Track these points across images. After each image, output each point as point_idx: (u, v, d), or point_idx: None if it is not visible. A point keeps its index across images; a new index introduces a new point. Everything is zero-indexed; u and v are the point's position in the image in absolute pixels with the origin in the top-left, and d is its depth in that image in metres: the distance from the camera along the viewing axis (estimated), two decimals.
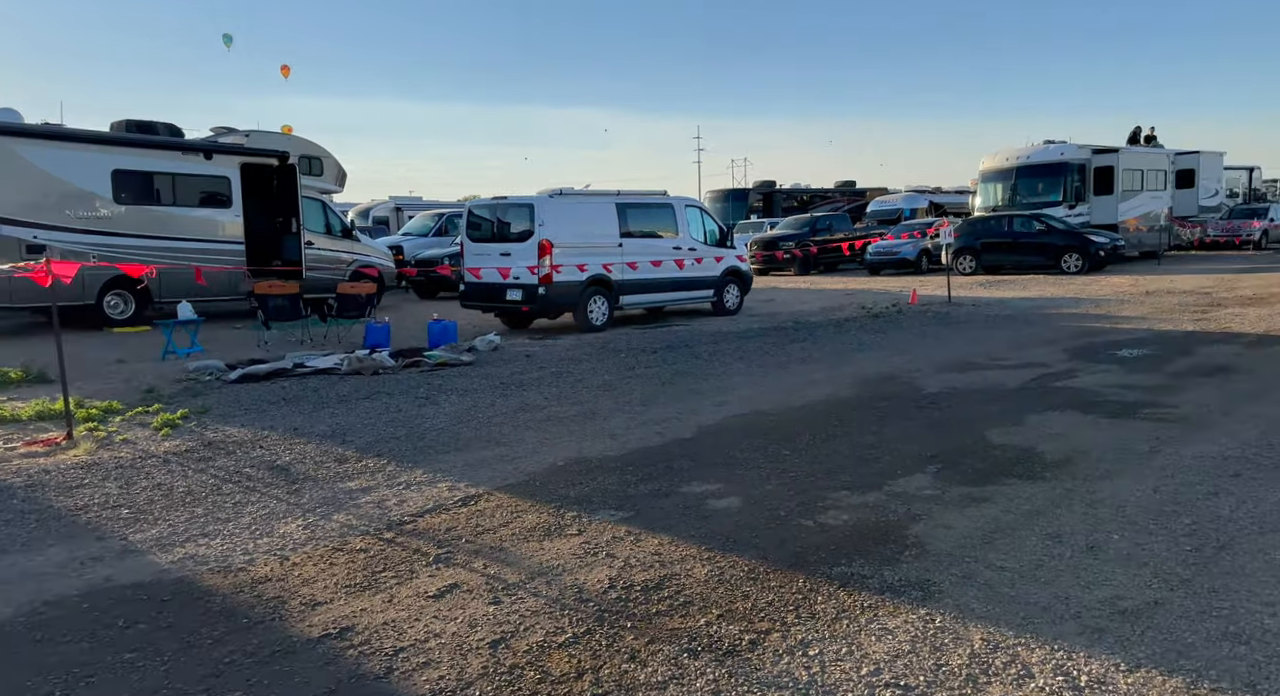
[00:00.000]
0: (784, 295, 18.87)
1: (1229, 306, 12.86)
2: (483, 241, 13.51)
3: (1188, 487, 4.47)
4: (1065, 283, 19.32)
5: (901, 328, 12.14)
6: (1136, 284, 17.91)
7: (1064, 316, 12.74)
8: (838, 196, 43.13)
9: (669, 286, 14.11)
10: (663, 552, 3.96)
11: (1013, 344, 10.10)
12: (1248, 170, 41.22)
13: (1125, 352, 9.08)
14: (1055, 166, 25.88)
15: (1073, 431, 5.80)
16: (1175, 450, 5.20)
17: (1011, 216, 23.94)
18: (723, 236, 15.11)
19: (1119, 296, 15.35)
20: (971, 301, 15.57)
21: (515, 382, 8.55)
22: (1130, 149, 27.53)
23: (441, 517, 4.58)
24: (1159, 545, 3.72)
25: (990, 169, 27.44)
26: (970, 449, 5.49)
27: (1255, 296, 14.14)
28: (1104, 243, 22.16)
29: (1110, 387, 7.23)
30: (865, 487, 4.78)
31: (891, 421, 6.37)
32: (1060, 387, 7.35)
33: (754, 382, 8.20)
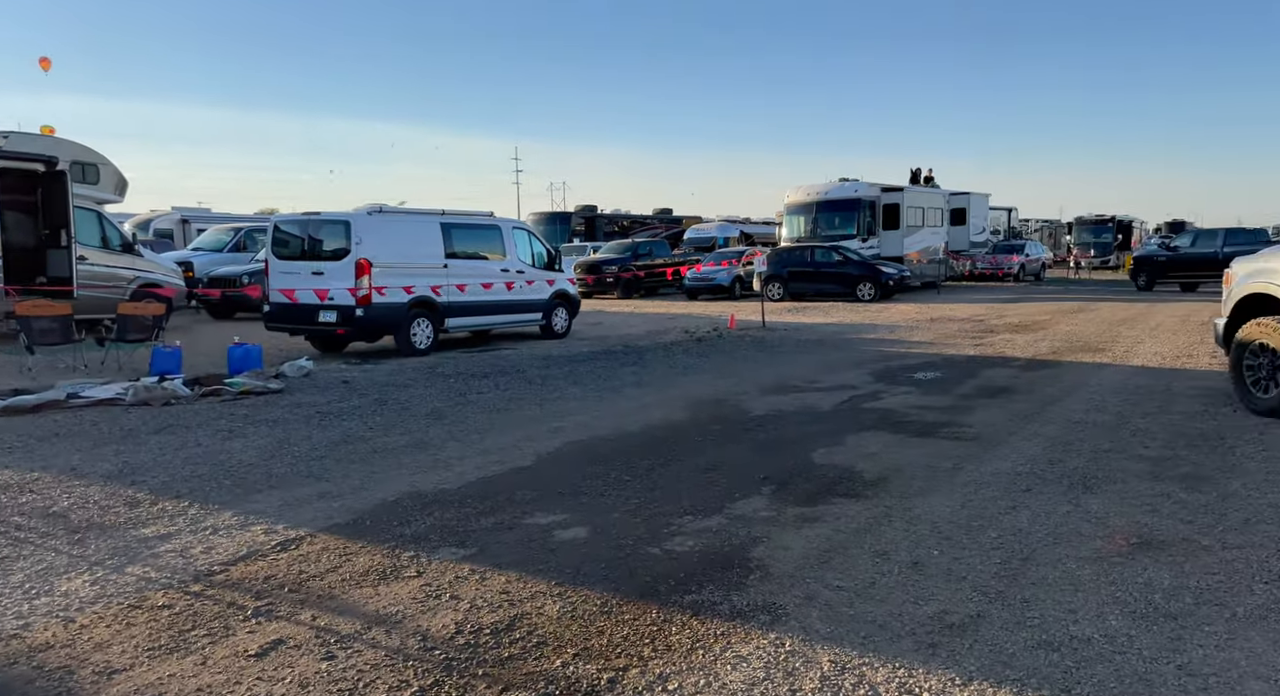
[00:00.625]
0: (610, 318, 19.10)
1: (1001, 333, 14.44)
2: (292, 259, 12.64)
3: (990, 503, 4.90)
4: (861, 310, 20.92)
5: (724, 351, 12.61)
6: (921, 312, 19.70)
7: (864, 341, 13.76)
8: (656, 223, 44.47)
9: (497, 309, 13.86)
10: (511, 590, 3.81)
11: (824, 367, 10.76)
12: (1007, 211, 46.85)
13: (920, 375, 9.93)
14: (850, 202, 28.10)
15: (886, 451, 6.23)
16: (974, 468, 5.70)
17: (814, 248, 25.69)
18: (551, 259, 15.07)
19: (908, 323, 16.82)
20: (784, 326, 16.49)
21: (334, 412, 8.02)
22: (913, 188, 30.40)
23: (258, 565, 4.16)
24: (973, 559, 4.04)
25: (794, 203, 29.35)
26: (799, 469, 5.74)
27: (1021, 324, 15.98)
28: (893, 274, 24.27)
29: (913, 408, 7.85)
30: (707, 512, 4.86)
31: (725, 444, 6.55)
32: (870, 409, 7.89)
33: (589, 407, 8.18)
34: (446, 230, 13.29)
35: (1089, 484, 5.18)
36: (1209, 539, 4.10)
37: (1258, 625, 3.19)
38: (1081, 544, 4.14)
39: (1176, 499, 4.77)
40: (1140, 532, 4.25)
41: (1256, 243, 25.32)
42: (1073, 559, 3.96)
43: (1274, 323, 6.77)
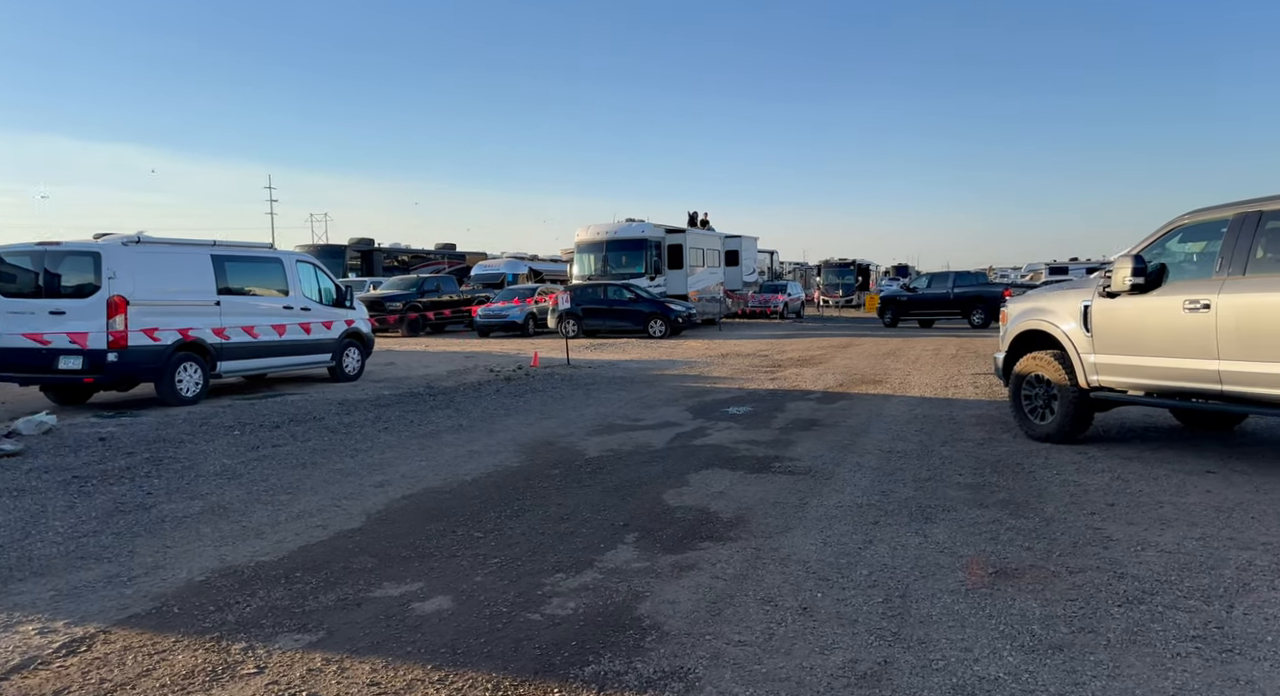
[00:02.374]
0: (403, 358, 18.06)
1: (789, 367, 15.35)
2: (20, 297, 10.70)
3: (847, 538, 5.02)
4: (655, 346, 21.46)
5: (537, 390, 12.28)
6: (711, 348, 20.57)
7: (670, 377, 14.04)
8: (440, 258, 43.18)
9: (281, 350, 12.58)
10: (381, 681, 3.27)
11: (642, 404, 10.78)
12: (770, 254, 50.63)
13: (734, 410, 10.23)
14: (637, 242, 28.95)
15: (732, 489, 6.25)
16: (819, 502, 5.86)
17: (607, 285, 26.10)
18: (340, 295, 13.98)
19: (703, 358, 17.45)
20: (588, 363, 16.45)
21: (96, 475, 6.76)
22: (694, 231, 31.93)
23: (40, 677, 3.28)
24: (856, 599, 4.06)
25: (584, 241, 29.75)
26: (656, 513, 5.58)
27: (803, 358, 17.12)
28: (681, 311, 25.21)
29: (740, 444, 8.02)
30: (577, 567, 4.54)
31: (571, 489, 6.26)
32: (700, 445, 7.95)
33: (410, 457, 7.53)
34: (219, 263, 11.91)
35: (927, 514, 5.47)
36: (1052, 564, 4.44)
37: (1132, 650, 3.43)
38: (946, 576, 4.32)
39: (1008, 525, 5.15)
40: (992, 562, 4.51)
41: (978, 283, 29.30)
42: (945, 592, 4.10)
43: (1047, 356, 7.67)
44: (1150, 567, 4.30)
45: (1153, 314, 6.62)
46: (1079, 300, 7.36)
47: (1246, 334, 5.87)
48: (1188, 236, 6.74)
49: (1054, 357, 7.61)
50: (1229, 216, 6.32)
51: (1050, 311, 7.70)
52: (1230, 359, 5.99)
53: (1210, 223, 6.51)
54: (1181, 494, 5.71)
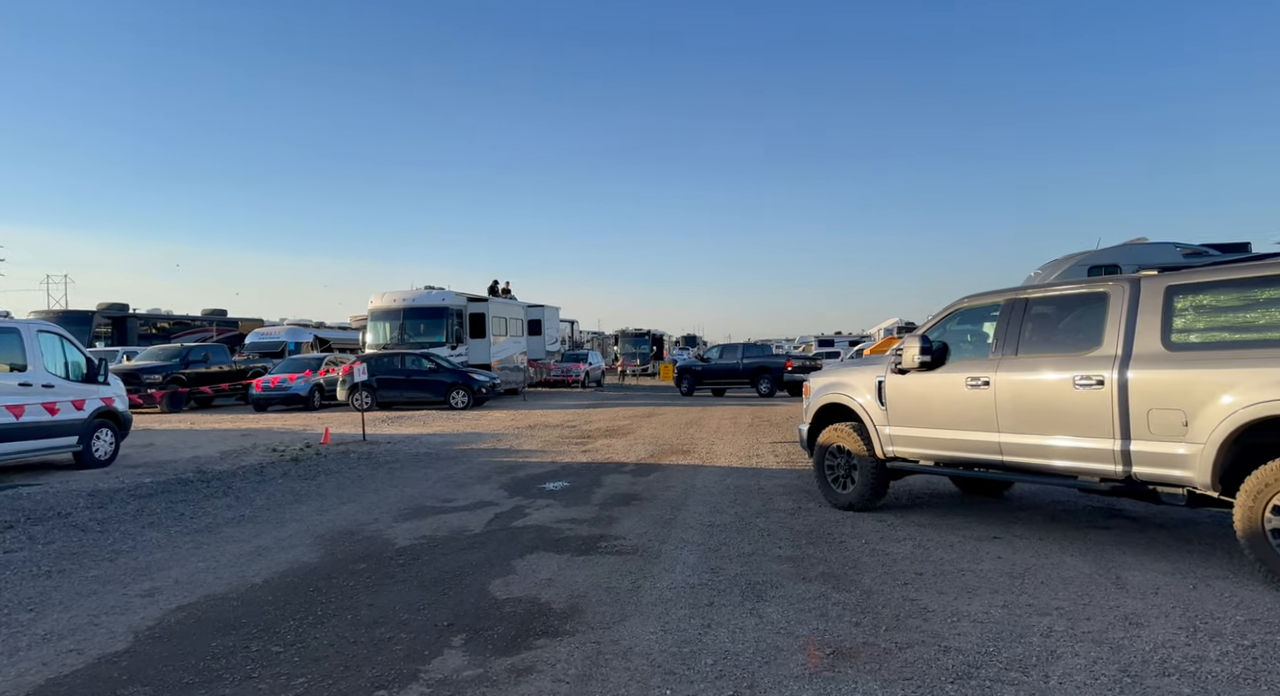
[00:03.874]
0: (165, 438, 16.07)
1: (598, 438, 15.32)
2: None
3: (685, 623, 4.89)
4: (458, 418, 20.71)
5: (331, 471, 11.30)
6: (517, 418, 20.18)
7: (478, 452, 13.51)
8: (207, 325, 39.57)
9: (12, 434, 10.72)
10: None
11: (452, 483, 10.22)
12: (571, 323, 51.27)
13: (551, 485, 9.95)
14: (437, 310, 28.17)
15: (561, 574, 5.96)
16: (651, 584, 5.72)
17: (404, 354, 25.04)
18: (92, 369, 12.25)
19: (511, 431, 17.04)
20: (386, 439, 15.48)
21: None
22: (496, 299, 31.63)
23: None
24: (707, 694, 3.92)
25: (380, 308, 28.52)
26: (482, 609, 5.17)
27: (611, 429, 17.18)
28: (485, 381, 24.64)
29: (563, 523, 7.75)
30: (400, 681, 4.06)
31: (383, 587, 5.68)
32: (522, 527, 7.60)
33: (184, 557, 6.55)
34: None
35: (757, 591, 5.49)
36: (882, 640, 4.55)
37: None
38: (788, 660, 4.29)
39: (834, 600, 5.26)
40: (827, 641, 4.55)
41: (764, 355, 31.20)
42: (790, 678, 4.06)
43: (847, 428, 8.13)
44: (968, 638, 4.52)
45: (939, 390, 7.22)
46: (874, 376, 7.91)
47: (1022, 408, 6.53)
48: (965, 319, 7.48)
49: (854, 429, 8.09)
50: (1000, 301, 7.09)
51: (849, 386, 8.21)
52: (1009, 431, 6.62)
53: (985, 307, 7.27)
54: (977, 560, 6.15)
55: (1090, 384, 6.04)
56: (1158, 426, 5.64)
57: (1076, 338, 6.37)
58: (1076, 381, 6.13)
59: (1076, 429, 6.13)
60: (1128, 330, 5.97)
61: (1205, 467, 5.35)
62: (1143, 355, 5.81)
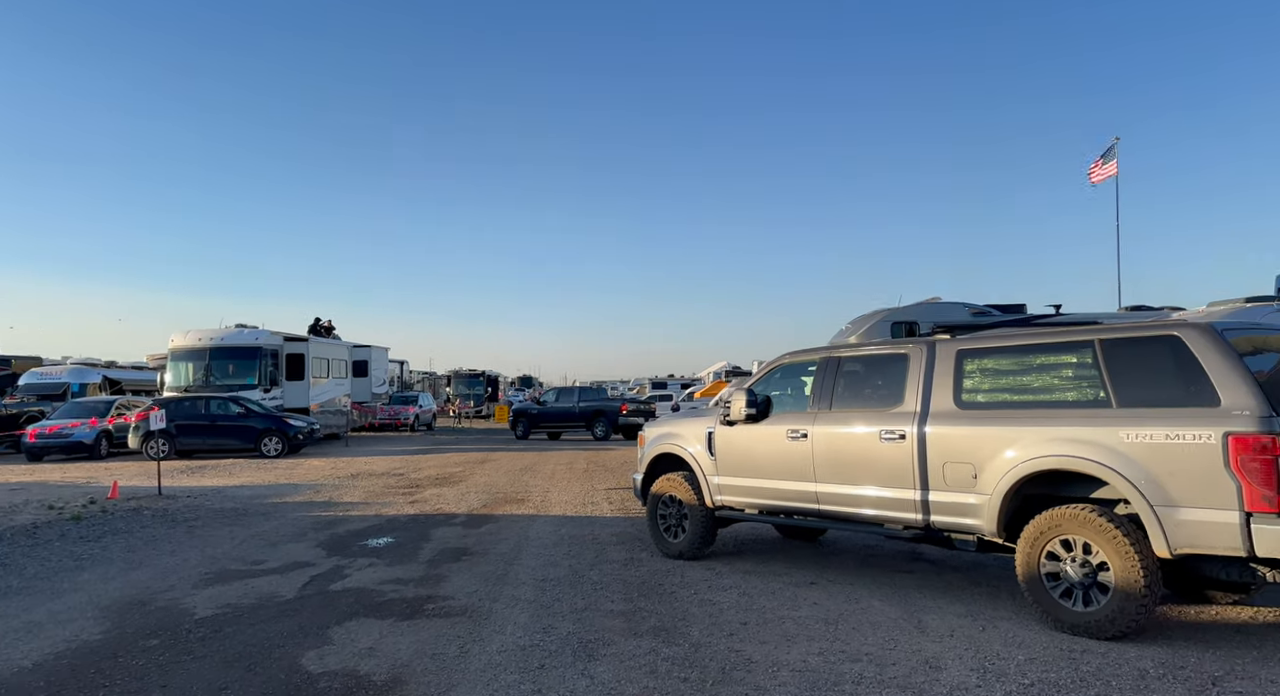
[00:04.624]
0: None
1: (428, 487, 14.79)
2: None
3: (515, 690, 4.77)
4: (270, 467, 19.36)
5: (120, 531, 10.18)
6: (338, 467, 19.13)
7: (293, 505, 12.65)
8: None
9: None
10: None
11: (263, 542, 9.49)
12: (400, 363, 49.47)
13: (374, 542, 9.47)
14: (249, 350, 26.38)
15: (382, 642, 5.66)
16: (480, 648, 5.54)
17: (209, 398, 23.20)
18: None
19: (330, 481, 16.11)
20: (187, 492, 14.18)
21: None
22: (317, 339, 30.05)
23: None
24: None
25: (182, 348, 26.34)
26: (295, 686, 4.81)
27: (441, 477, 16.64)
28: (302, 426, 23.21)
29: (387, 584, 7.38)
30: None
31: (179, 665, 5.15)
32: (340, 591, 7.16)
33: None
34: None
35: (589, 650, 5.46)
36: None
37: None
38: None
39: (664, 656, 5.32)
40: None
41: (600, 399, 31.49)
42: None
43: (679, 477, 8.34)
44: (788, 689, 4.70)
45: (763, 441, 7.57)
46: (704, 427, 8.18)
47: (835, 460, 6.97)
48: (787, 373, 7.92)
49: (685, 479, 8.31)
50: (817, 358, 7.57)
51: (681, 436, 8.44)
52: (824, 481, 7.04)
53: (804, 362, 7.74)
54: (796, 607, 6.44)
55: (894, 438, 6.55)
56: (951, 478, 6.18)
57: (882, 394, 6.91)
58: (882, 435, 6.63)
59: (883, 480, 6.61)
60: (925, 389, 6.54)
61: (992, 516, 5.92)
62: (938, 412, 6.38)
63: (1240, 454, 4.84)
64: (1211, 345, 5.20)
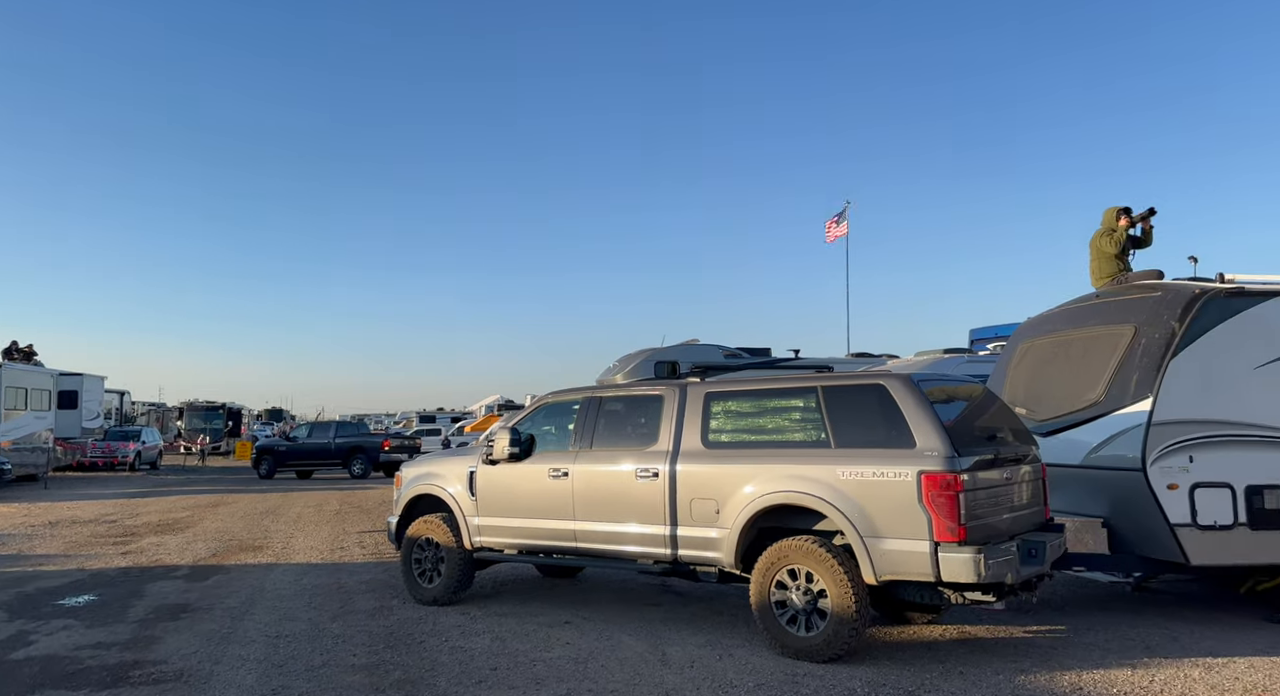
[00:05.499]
0: None
1: (146, 536, 13.14)
2: None
3: None
4: None
5: None
6: (33, 513, 16.51)
7: None
8: None
9: None
10: None
11: None
12: (120, 394, 43.73)
13: (73, 601, 8.25)
14: None
15: None
16: None
17: None
18: None
19: (21, 530, 13.85)
20: None
21: None
22: (12, 366, 25.95)
23: None
24: None
25: None
26: None
27: (165, 523, 14.86)
28: None
29: (84, 649, 6.44)
30: None
31: None
32: (23, 660, 6.15)
33: None
34: None
35: None
36: None
37: None
38: None
39: None
40: None
41: (359, 433, 29.85)
42: None
43: (437, 519, 8.08)
44: None
45: (525, 480, 7.58)
46: (466, 466, 8.03)
47: (594, 498, 7.13)
48: (551, 413, 8.00)
49: (443, 521, 8.08)
50: (579, 398, 7.74)
51: (441, 476, 8.22)
52: (583, 519, 7.17)
53: (567, 402, 7.86)
54: (549, 648, 6.45)
55: (648, 476, 6.84)
56: (698, 514, 6.56)
57: (640, 433, 7.20)
58: (638, 473, 6.90)
59: (638, 516, 6.86)
60: (677, 429, 6.91)
61: (731, 549, 6.34)
62: (688, 451, 6.76)
63: (930, 490, 5.57)
64: (909, 394, 5.98)
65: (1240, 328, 6.90)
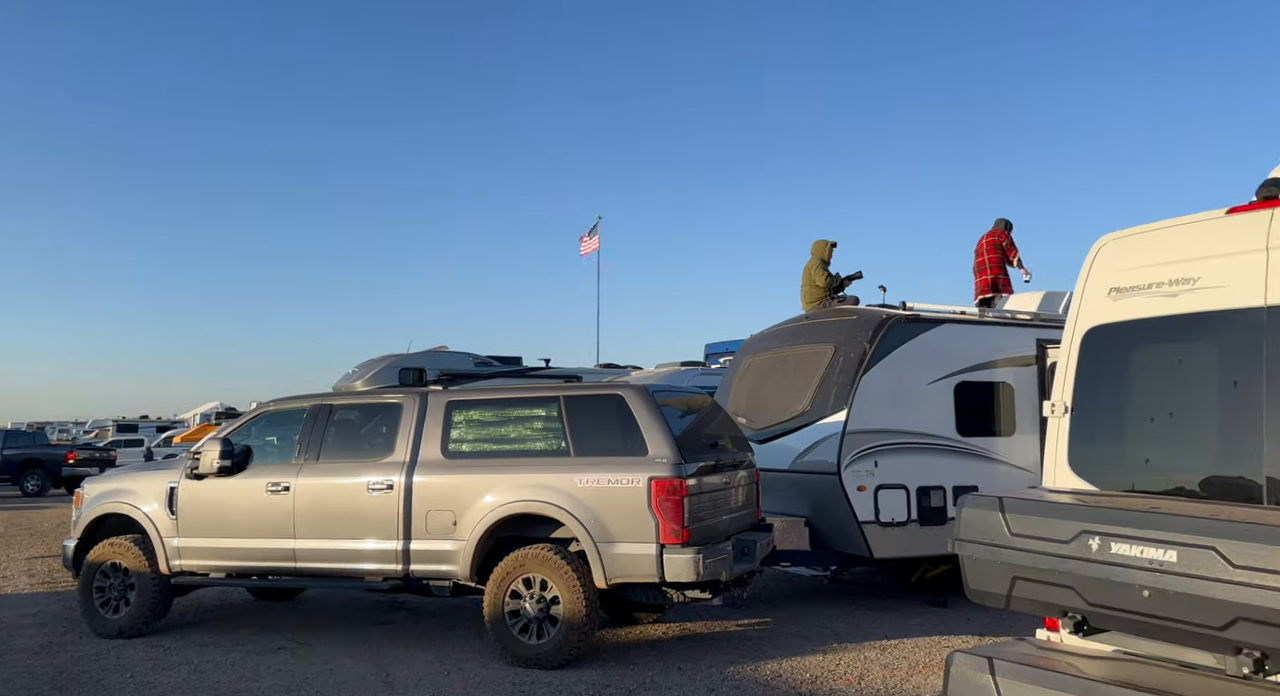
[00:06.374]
0: None
1: None
2: None
3: None
4: None
5: None
6: None
7: None
8: None
9: None
10: None
11: None
12: None
13: None
14: None
15: None
16: None
17: None
18: None
19: None
20: None
21: None
22: None
23: None
24: None
25: None
26: None
27: None
28: None
29: None
30: None
31: None
32: None
33: None
34: None
35: None
36: None
37: None
38: None
39: None
40: None
41: (35, 444, 25.61)
42: None
43: (127, 541, 7.11)
44: None
45: (238, 496, 6.91)
46: (166, 481, 7.17)
47: (319, 513, 6.67)
48: (273, 422, 7.38)
49: (134, 543, 7.14)
50: (307, 406, 7.22)
51: (133, 493, 7.26)
52: (305, 537, 6.68)
53: (292, 411, 7.29)
54: (257, 677, 5.92)
55: (382, 488, 6.54)
56: (433, 526, 6.38)
57: (375, 444, 6.88)
58: (370, 486, 6.58)
59: (368, 532, 6.53)
60: (415, 439, 6.68)
61: (466, 560, 6.23)
62: (426, 462, 6.56)
63: (659, 495, 5.87)
64: (644, 404, 6.26)
65: (917, 349, 8.01)
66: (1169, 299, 3.12)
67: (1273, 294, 2.87)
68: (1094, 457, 3.35)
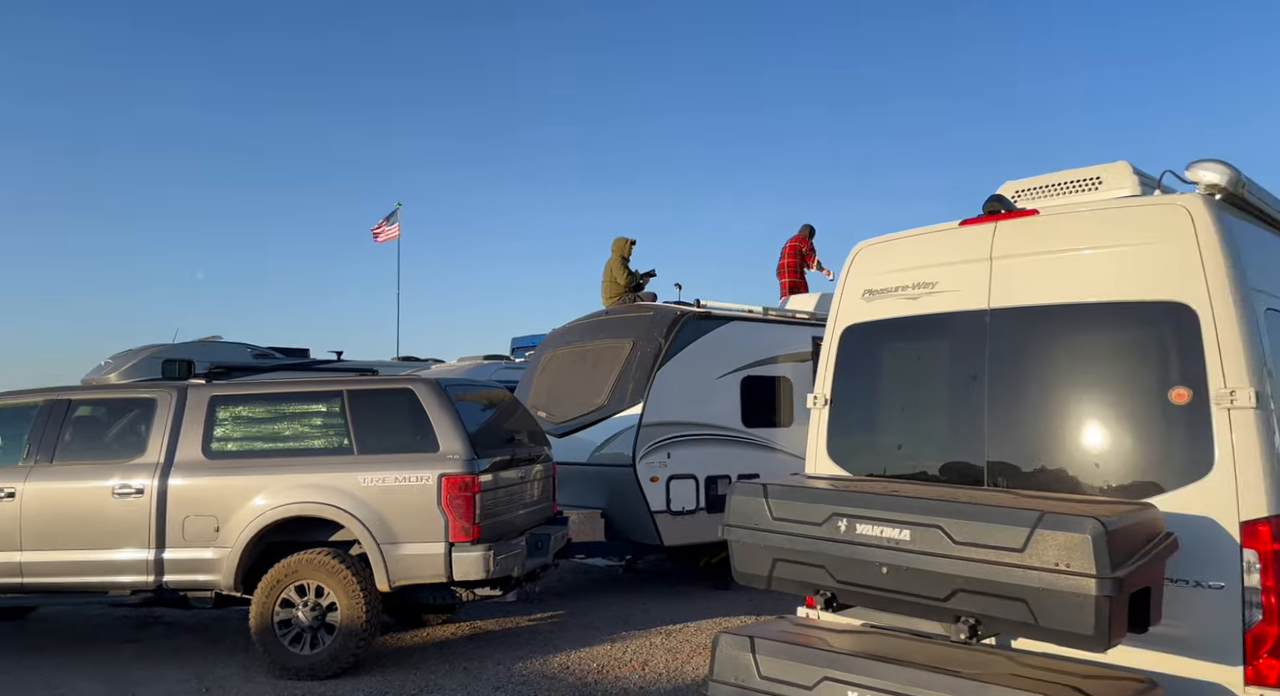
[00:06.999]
0: None
1: None
2: None
3: None
4: None
5: None
6: None
7: None
8: None
9: None
10: None
11: None
12: None
13: None
14: None
15: None
16: None
17: None
18: None
19: None
20: None
21: None
22: None
23: None
24: None
25: None
26: None
27: None
28: None
29: None
30: None
31: None
32: None
33: None
34: None
35: None
36: None
37: None
38: None
39: None
40: None
41: None
42: None
43: None
44: None
45: None
46: None
47: (53, 522, 5.87)
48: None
49: None
50: (39, 401, 6.33)
51: None
52: (35, 549, 5.86)
53: (20, 406, 6.37)
54: None
55: (130, 492, 5.88)
56: (192, 533, 5.80)
57: (124, 444, 6.18)
58: (116, 491, 5.90)
59: (113, 541, 5.86)
60: (172, 438, 6.05)
61: (231, 569, 5.72)
62: (184, 463, 5.95)
63: (449, 492, 5.68)
64: (435, 398, 6.03)
65: (708, 345, 8.32)
66: (911, 301, 3.41)
67: (995, 298, 3.22)
68: (849, 446, 3.60)
